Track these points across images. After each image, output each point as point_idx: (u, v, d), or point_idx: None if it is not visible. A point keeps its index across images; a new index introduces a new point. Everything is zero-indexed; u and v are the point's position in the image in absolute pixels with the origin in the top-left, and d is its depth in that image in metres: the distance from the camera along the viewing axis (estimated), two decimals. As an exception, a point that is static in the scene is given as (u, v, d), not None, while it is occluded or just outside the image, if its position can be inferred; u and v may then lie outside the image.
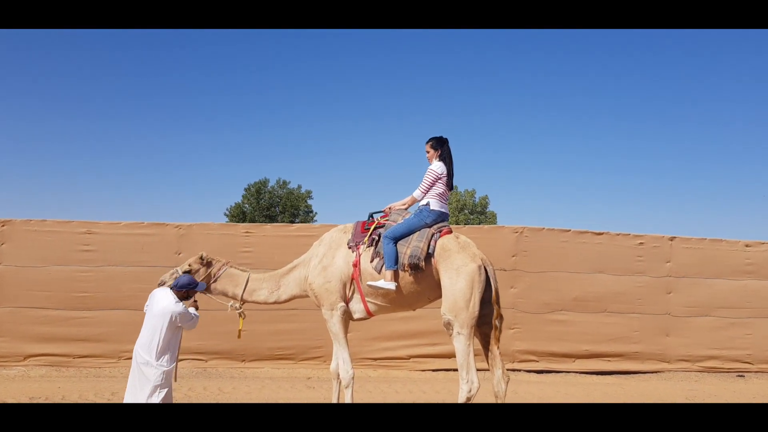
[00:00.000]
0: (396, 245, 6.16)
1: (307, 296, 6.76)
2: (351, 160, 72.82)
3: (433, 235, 6.19)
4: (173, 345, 6.10)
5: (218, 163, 70.36)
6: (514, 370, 10.92)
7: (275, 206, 47.84)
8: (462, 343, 5.88)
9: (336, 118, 71.56)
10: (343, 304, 6.41)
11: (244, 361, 10.62)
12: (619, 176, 68.68)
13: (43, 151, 62.07)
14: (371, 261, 6.26)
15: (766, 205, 59.19)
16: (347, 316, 6.54)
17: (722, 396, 9.51)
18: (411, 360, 10.91)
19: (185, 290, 6.35)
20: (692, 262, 11.63)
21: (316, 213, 48.99)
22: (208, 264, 6.78)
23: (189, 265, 6.72)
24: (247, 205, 47.33)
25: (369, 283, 6.17)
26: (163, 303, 6.11)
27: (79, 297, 10.42)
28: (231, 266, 6.90)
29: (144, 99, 66.25)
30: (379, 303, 6.36)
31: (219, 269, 6.82)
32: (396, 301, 6.30)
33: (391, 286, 6.05)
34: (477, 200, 48.54)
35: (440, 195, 6.42)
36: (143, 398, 5.77)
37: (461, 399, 5.79)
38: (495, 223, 39.01)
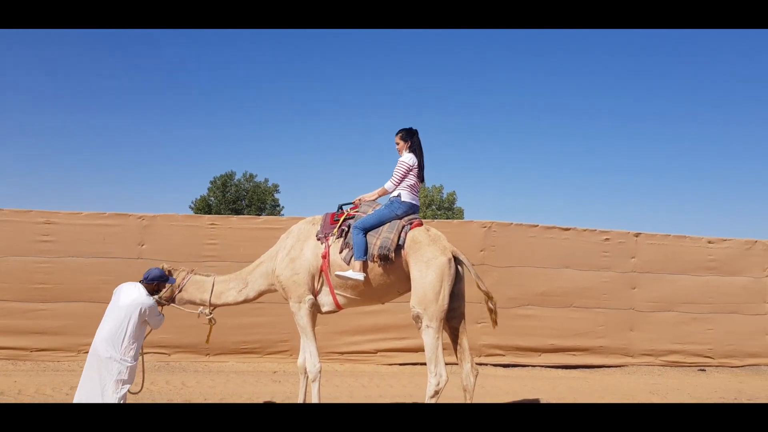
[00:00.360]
0: (366, 236, 6.09)
1: (275, 291, 6.64)
2: (318, 154, 72.59)
3: (403, 227, 6.13)
4: (139, 340, 5.94)
5: (183, 155, 69.49)
6: (481, 364, 10.93)
7: (241, 200, 47.42)
8: (431, 336, 5.83)
9: (304, 113, 71.22)
10: (311, 297, 6.32)
11: (208, 354, 10.42)
12: (587, 173, 69.75)
13: None
14: (340, 252, 6.18)
15: (729, 202, 60.66)
16: (315, 310, 6.45)
17: (684, 390, 9.66)
18: (378, 354, 10.86)
19: (155, 283, 6.27)
20: (656, 258, 11.79)
21: (283, 207, 48.76)
22: (170, 274, 6.58)
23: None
24: (212, 198, 46.82)
25: (337, 273, 6.08)
26: (132, 295, 5.98)
27: (38, 289, 10.11)
28: (195, 273, 6.76)
29: (110, 87, 65.02)
30: (348, 295, 6.28)
31: (183, 279, 6.64)
32: (365, 293, 6.22)
33: (360, 276, 5.97)
34: (445, 196, 48.80)
35: (411, 187, 6.37)
36: (104, 394, 5.59)
37: (429, 392, 5.73)
38: (463, 219, 39.19)
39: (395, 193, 6.34)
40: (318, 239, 6.37)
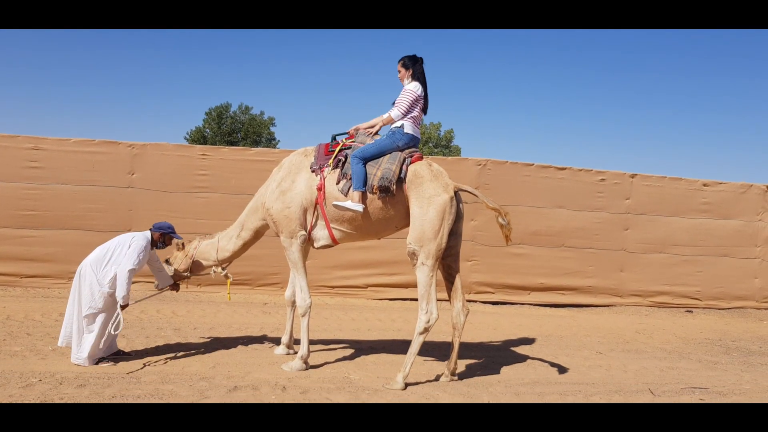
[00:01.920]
0: (365, 166, 5.86)
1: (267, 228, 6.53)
2: (315, 88, 71.49)
3: (404, 159, 5.90)
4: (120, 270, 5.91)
5: (180, 86, 68.37)
6: (470, 301, 11.01)
7: (237, 132, 46.88)
8: (425, 273, 5.71)
9: (300, 45, 69.73)
10: (303, 232, 6.16)
11: (200, 285, 10.43)
12: (586, 113, 69.06)
13: (-7, 65, 59.35)
14: (337, 183, 5.95)
15: (727, 145, 60.40)
16: (308, 245, 6.34)
17: (670, 330, 9.77)
18: (368, 289, 10.90)
19: (161, 233, 6.32)
20: (651, 200, 11.74)
21: (278, 141, 48.24)
22: (183, 247, 6.71)
23: (168, 258, 6.76)
24: (208, 130, 46.28)
25: (335, 203, 5.87)
26: (133, 233, 6.18)
27: (26, 215, 10.01)
28: (201, 240, 6.81)
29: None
30: (344, 230, 6.09)
31: (195, 246, 6.73)
32: (362, 227, 6.03)
33: (359, 207, 5.78)
34: (442, 133, 48.34)
35: (414, 118, 6.11)
36: (80, 307, 5.82)
37: (419, 329, 5.69)
38: (459, 156, 38.80)
39: (398, 124, 6.08)
40: (312, 171, 6.11)
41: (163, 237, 6.33)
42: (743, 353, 8.35)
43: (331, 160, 6.06)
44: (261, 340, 7.39)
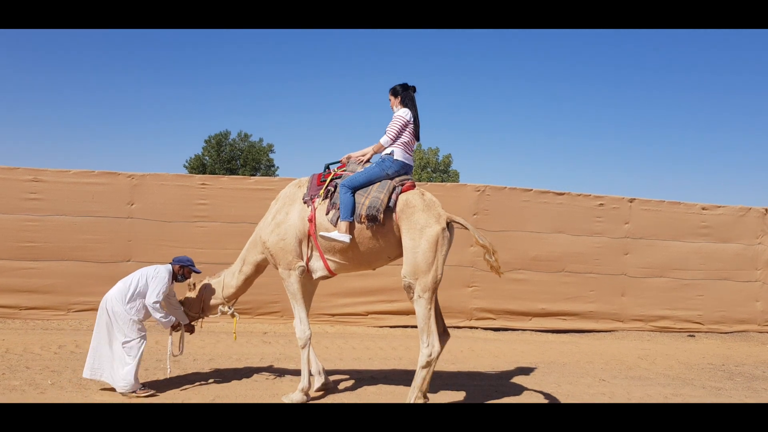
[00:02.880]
0: (354, 195, 5.79)
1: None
2: (314, 114, 71.92)
3: (394, 188, 5.81)
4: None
5: (179, 114, 68.77)
6: (471, 327, 10.98)
7: (236, 159, 47.05)
8: (422, 306, 5.59)
9: (299, 72, 70.30)
10: (301, 263, 6.11)
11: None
12: (583, 137, 69.39)
13: (-8, 96, 59.74)
14: (327, 213, 5.89)
15: (724, 168, 60.61)
16: (307, 276, 6.27)
17: (673, 355, 9.71)
18: (369, 316, 10.86)
19: (181, 266, 6.46)
20: (650, 224, 11.75)
21: (278, 167, 48.41)
22: (194, 287, 6.77)
23: (181, 299, 6.80)
24: (207, 158, 46.43)
25: (321, 233, 5.81)
26: (154, 265, 6.37)
27: (26, 247, 10.00)
28: (210, 279, 6.85)
29: (104, 42, 63.96)
30: (337, 260, 6.02)
31: (204, 287, 6.77)
32: (354, 258, 5.96)
33: (345, 238, 5.69)
34: (440, 158, 48.50)
35: (405, 144, 6.03)
36: (111, 342, 6.04)
37: (421, 362, 5.58)
38: (458, 182, 39.01)
39: (388, 150, 6.00)
40: (304, 202, 6.08)
41: (182, 270, 6.45)
42: (747, 378, 8.30)
43: (321, 191, 6.02)
44: (261, 371, 7.33)
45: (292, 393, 6.09)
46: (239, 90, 71.87)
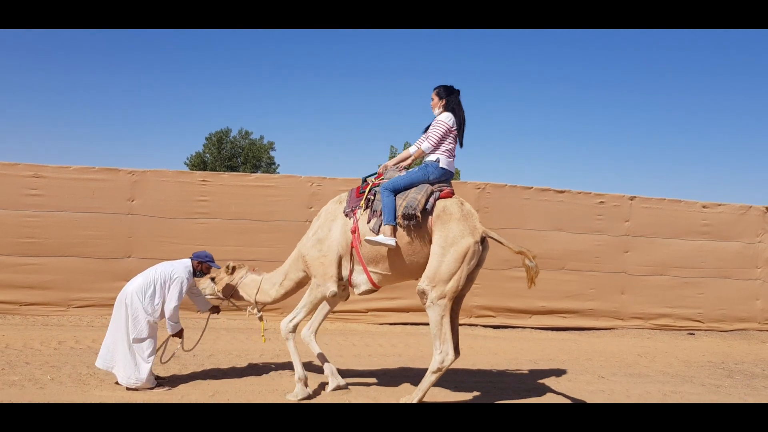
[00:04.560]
0: (395, 197, 5.71)
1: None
2: (315, 112, 71.91)
3: (432, 192, 5.73)
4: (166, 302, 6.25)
5: (180, 111, 68.78)
6: (471, 325, 10.98)
7: (237, 157, 47.03)
8: (435, 313, 5.51)
9: (300, 71, 70.30)
10: (334, 289, 6.04)
11: (200, 311, 10.36)
12: (584, 135, 69.39)
13: (-6, 92, 59.75)
14: (368, 222, 5.79)
15: (725, 167, 60.60)
16: (343, 292, 6.36)
17: (673, 353, 9.71)
18: (369, 313, 10.86)
19: (199, 261, 6.51)
20: (650, 222, 11.75)
21: (278, 165, 48.35)
22: (233, 270, 6.77)
23: (214, 276, 6.85)
24: (208, 155, 46.43)
25: (367, 238, 5.68)
26: (174, 262, 6.42)
27: (26, 243, 10.00)
28: (254, 271, 6.84)
29: (107, 40, 63.96)
30: (380, 271, 5.90)
31: (242, 276, 6.77)
32: (396, 265, 5.82)
33: (391, 241, 5.57)
34: (441, 156, 48.43)
35: (449, 151, 5.92)
36: (128, 334, 6.05)
37: (432, 367, 5.55)
38: (458, 180, 38.83)
39: (433, 157, 5.89)
40: (346, 215, 6.01)
41: (201, 265, 6.49)
42: (746, 376, 8.30)
43: (362, 201, 5.95)
44: (261, 367, 7.34)
45: (292, 391, 6.09)
46: (240, 88, 71.89)
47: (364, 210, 5.90)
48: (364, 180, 6.21)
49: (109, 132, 67.71)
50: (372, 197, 5.89)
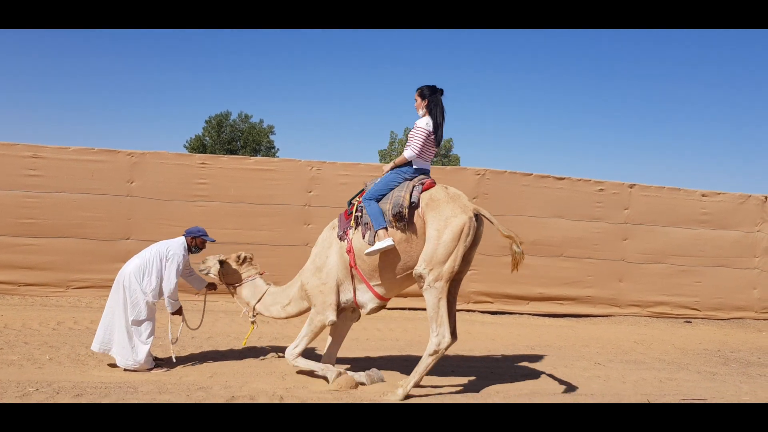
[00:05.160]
0: (378, 204, 5.79)
1: None
2: (315, 96, 71.66)
3: (414, 187, 5.77)
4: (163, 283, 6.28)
5: (178, 92, 68.51)
6: (469, 310, 11.02)
7: (236, 140, 46.84)
8: (433, 295, 5.55)
9: (300, 53, 69.96)
10: (333, 317, 6.03)
11: (198, 293, 10.39)
12: (584, 122, 69.22)
13: (-7, 73, 59.44)
14: (363, 237, 5.82)
15: (724, 155, 60.54)
16: (347, 316, 6.34)
17: (669, 341, 9.76)
18: (367, 298, 10.86)
19: (192, 236, 6.54)
20: (650, 210, 11.76)
21: (278, 149, 48.17)
22: (244, 261, 6.77)
23: (224, 259, 6.79)
24: (207, 138, 46.22)
25: (366, 252, 5.71)
26: (168, 241, 6.43)
27: (25, 224, 10.01)
28: (262, 276, 6.82)
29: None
30: (383, 283, 5.92)
31: (250, 275, 6.76)
32: (398, 270, 5.82)
33: (388, 241, 5.60)
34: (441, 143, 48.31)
35: (425, 153, 5.97)
36: (125, 318, 6.07)
37: (429, 350, 5.58)
38: (458, 165, 38.71)
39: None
40: (339, 238, 6.05)
41: (194, 240, 6.53)
42: (742, 364, 8.34)
43: (352, 221, 6.00)
44: (259, 349, 7.37)
45: (329, 382, 5.99)
46: (240, 71, 71.53)
47: (356, 229, 5.95)
48: (350, 202, 6.22)
49: (108, 114, 67.49)
50: (360, 214, 5.94)
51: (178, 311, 6.47)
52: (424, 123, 5.93)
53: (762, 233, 12.10)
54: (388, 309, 10.65)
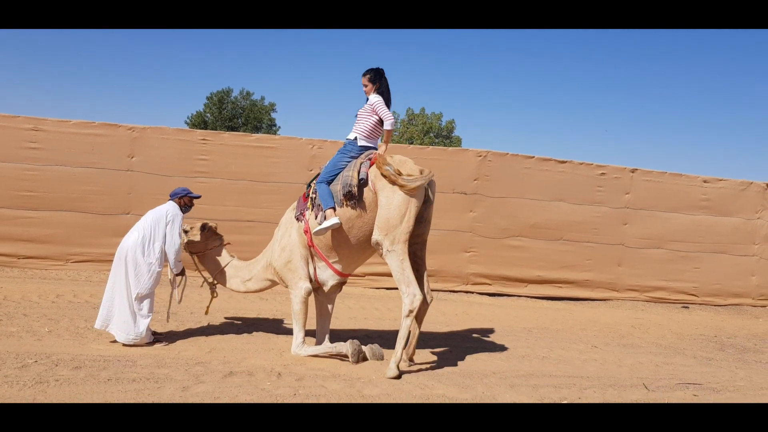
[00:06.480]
0: (329, 186, 5.99)
1: (278, 284, 6.55)
2: (316, 74, 71.24)
3: (362, 164, 5.92)
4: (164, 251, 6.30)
5: (180, 68, 68.11)
6: (467, 292, 11.05)
7: (238, 117, 46.63)
8: (395, 259, 5.70)
9: (301, 31, 69.43)
10: (307, 285, 6.17)
11: (196, 269, 10.40)
12: (587, 106, 68.94)
13: (-6, 45, 59.04)
14: (316, 218, 6.02)
15: (727, 142, 60.35)
16: (323, 294, 6.38)
17: (666, 325, 9.79)
18: (366, 277, 10.90)
19: (180, 197, 6.60)
20: (651, 195, 11.74)
21: (279, 127, 47.97)
22: (209, 234, 6.89)
23: (208, 224, 6.95)
24: (208, 115, 46.01)
25: (313, 231, 5.94)
26: (161, 207, 6.45)
27: (25, 196, 10.00)
28: (225, 246, 6.95)
29: (102, -5, 62.89)
30: (341, 258, 6.12)
31: (214, 247, 6.88)
32: (352, 245, 6.01)
33: (334, 220, 5.79)
34: (444, 123, 48.15)
35: (369, 130, 6.10)
36: (127, 292, 6.05)
37: (404, 312, 5.67)
38: (459, 147, 38.53)
39: (351, 136, 6.14)
40: (297, 219, 6.28)
41: (182, 200, 6.60)
42: (738, 350, 8.38)
43: (308, 203, 6.19)
44: (257, 325, 7.39)
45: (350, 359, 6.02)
46: (242, 48, 71.06)
47: (312, 210, 6.12)
48: (308, 185, 6.39)
49: (110, 88, 67.15)
50: (314, 195, 6.13)
51: (182, 272, 6.54)
52: (378, 99, 6.08)
53: (762, 220, 12.10)
54: (387, 289, 10.72)
